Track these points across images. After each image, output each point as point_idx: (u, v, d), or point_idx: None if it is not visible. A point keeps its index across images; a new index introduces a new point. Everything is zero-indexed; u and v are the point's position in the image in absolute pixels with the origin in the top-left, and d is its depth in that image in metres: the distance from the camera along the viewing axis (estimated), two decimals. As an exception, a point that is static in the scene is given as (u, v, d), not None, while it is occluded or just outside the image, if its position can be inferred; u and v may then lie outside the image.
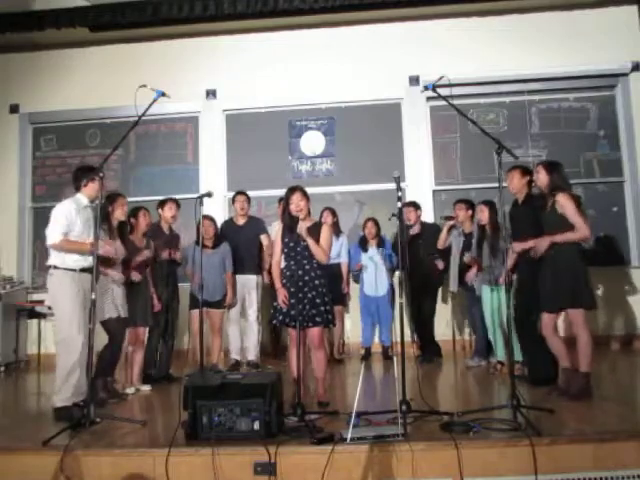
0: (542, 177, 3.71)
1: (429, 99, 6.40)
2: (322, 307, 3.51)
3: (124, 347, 4.22)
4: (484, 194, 5.71)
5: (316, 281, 3.54)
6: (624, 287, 6.11)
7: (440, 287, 5.63)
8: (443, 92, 3.44)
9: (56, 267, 3.53)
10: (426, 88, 3.40)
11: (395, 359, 3.14)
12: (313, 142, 6.65)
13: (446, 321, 6.09)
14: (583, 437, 2.68)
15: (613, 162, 6.39)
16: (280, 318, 3.56)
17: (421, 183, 6.41)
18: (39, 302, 6.14)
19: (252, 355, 5.29)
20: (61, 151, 6.90)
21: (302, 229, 3.48)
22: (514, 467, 2.57)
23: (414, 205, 5.61)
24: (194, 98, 6.65)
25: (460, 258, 5.10)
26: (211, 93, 6.72)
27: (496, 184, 3.39)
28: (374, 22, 6.51)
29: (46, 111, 6.82)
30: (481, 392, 4.13)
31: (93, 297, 3.22)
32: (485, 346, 4.97)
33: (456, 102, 3.64)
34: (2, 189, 6.79)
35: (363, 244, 5.69)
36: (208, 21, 6.33)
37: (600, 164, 6.39)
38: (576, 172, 6.25)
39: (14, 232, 6.73)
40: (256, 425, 2.78)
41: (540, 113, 6.50)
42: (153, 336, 4.70)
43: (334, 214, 5.62)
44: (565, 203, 3.54)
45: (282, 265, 3.67)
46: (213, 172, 6.63)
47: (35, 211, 6.77)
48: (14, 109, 6.90)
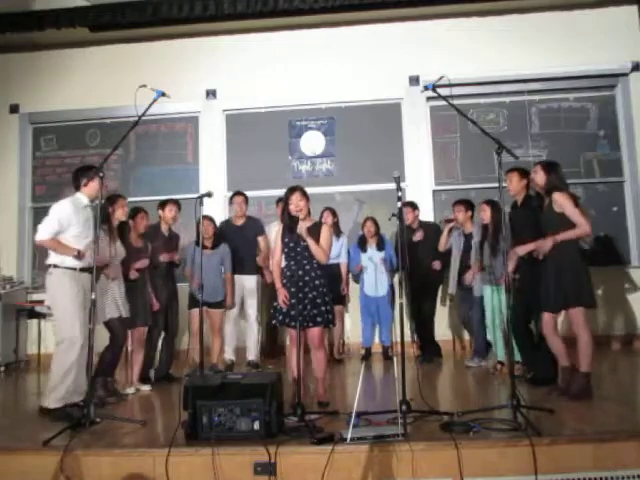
0: (540, 177, 3.71)
1: (429, 99, 6.40)
2: (323, 307, 3.51)
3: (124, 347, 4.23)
4: (484, 194, 5.71)
5: (316, 281, 3.54)
6: (624, 287, 6.11)
7: (440, 287, 5.64)
8: (443, 92, 3.44)
9: (56, 266, 3.53)
10: (426, 88, 3.40)
11: (395, 359, 3.14)
12: (313, 142, 6.65)
13: (446, 321, 6.10)
14: (583, 437, 2.68)
15: (613, 162, 6.39)
16: (280, 318, 3.56)
17: (421, 183, 6.41)
18: (39, 302, 6.12)
19: (252, 355, 5.29)
20: (61, 151, 6.90)
21: (302, 229, 3.48)
22: (514, 467, 2.58)
23: (412, 205, 5.61)
24: (194, 98, 6.65)
25: (460, 260, 5.09)
26: (211, 93, 6.72)
27: (496, 184, 3.39)
28: (374, 22, 6.51)
29: (46, 111, 6.82)
30: (481, 392, 4.12)
31: (93, 297, 3.22)
32: (484, 346, 4.97)
33: (456, 102, 3.64)
34: (2, 189, 6.79)
35: (362, 244, 5.69)
36: (208, 21, 6.33)
37: (600, 164, 6.39)
38: (576, 172, 6.26)
39: (14, 232, 6.73)
40: (256, 425, 2.78)
41: (540, 113, 6.50)
42: (152, 336, 4.70)
43: (334, 214, 5.61)
44: (563, 202, 3.54)
45: (282, 265, 3.67)
46: (213, 172, 6.63)
47: (35, 211, 6.76)
48: (14, 109, 6.90)
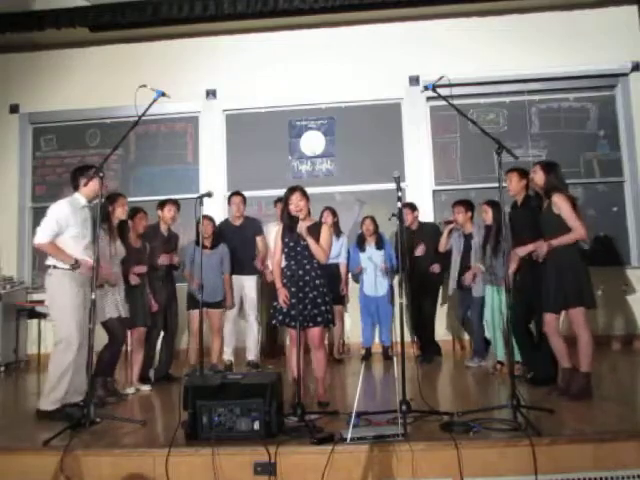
0: (539, 177, 3.71)
1: (429, 99, 6.40)
2: (323, 307, 3.51)
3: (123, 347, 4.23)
4: (484, 194, 5.72)
5: (317, 281, 3.54)
6: (626, 287, 6.10)
7: (440, 288, 5.63)
8: (443, 92, 3.44)
9: (55, 267, 3.52)
10: (426, 88, 3.40)
11: (395, 359, 3.14)
12: (313, 142, 6.65)
13: (446, 321, 6.09)
14: (583, 437, 2.68)
15: (613, 162, 6.38)
16: (280, 318, 3.56)
17: (421, 183, 6.41)
18: (39, 302, 6.11)
19: (252, 355, 5.29)
20: (61, 151, 6.90)
21: (302, 229, 3.48)
22: (514, 467, 2.58)
23: (411, 206, 5.60)
24: (194, 98, 6.65)
25: (461, 260, 5.09)
26: (211, 93, 6.72)
27: (496, 184, 3.39)
28: (374, 22, 6.51)
29: (46, 111, 6.81)
30: (481, 392, 4.12)
31: (93, 297, 3.21)
32: (484, 346, 4.97)
33: (456, 102, 3.64)
34: (2, 189, 6.79)
35: (361, 243, 5.69)
36: (208, 21, 6.33)
37: (600, 164, 6.39)
38: (576, 172, 6.25)
39: (14, 232, 6.73)
40: (256, 425, 2.78)
41: (540, 113, 6.50)
42: (151, 336, 4.69)
43: (334, 214, 5.61)
44: (561, 204, 3.55)
45: (282, 265, 3.67)
46: (213, 172, 6.62)
47: (35, 211, 6.76)
48: (14, 109, 6.90)
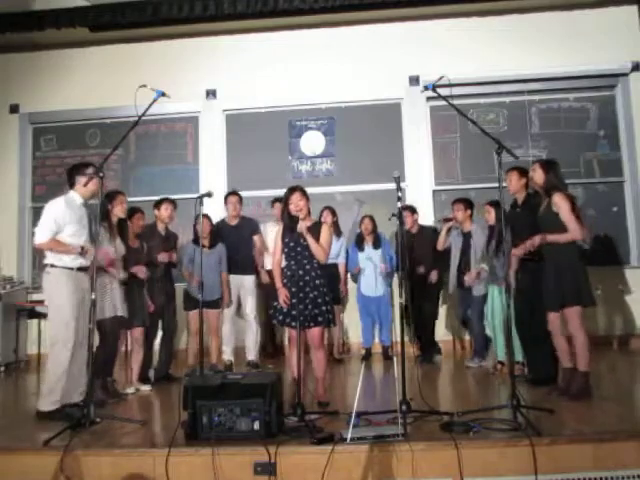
0: (538, 176, 3.71)
1: (429, 99, 6.40)
2: (323, 307, 3.51)
3: (119, 346, 4.22)
4: (484, 194, 5.72)
5: (317, 281, 3.54)
6: (624, 287, 6.11)
7: (442, 288, 5.62)
8: (443, 92, 3.44)
9: (53, 265, 3.51)
10: (426, 88, 3.40)
11: (395, 359, 3.14)
12: (313, 142, 6.65)
13: (446, 321, 6.09)
14: (583, 437, 2.68)
15: (613, 162, 6.38)
16: (280, 318, 3.56)
17: (421, 183, 6.41)
18: (39, 302, 6.10)
19: (252, 355, 5.28)
20: (61, 151, 6.90)
21: (302, 228, 3.48)
22: (514, 467, 2.58)
23: (410, 209, 5.59)
24: (194, 98, 6.64)
25: (460, 259, 5.08)
26: (211, 93, 6.72)
27: (496, 184, 3.39)
28: (374, 22, 6.51)
29: (46, 111, 6.81)
30: (481, 392, 4.13)
31: (93, 297, 3.21)
32: (484, 346, 4.96)
33: (456, 102, 3.64)
34: (2, 189, 6.79)
35: (359, 242, 5.69)
36: (208, 21, 6.33)
37: (600, 164, 6.38)
38: (576, 172, 6.25)
39: (14, 232, 6.73)
40: (256, 425, 2.78)
41: (540, 113, 6.50)
42: (149, 336, 4.68)
43: (334, 213, 5.61)
44: (561, 204, 3.55)
45: (283, 265, 3.67)
46: (213, 172, 6.62)
47: (35, 211, 6.74)
48: (14, 109, 6.90)
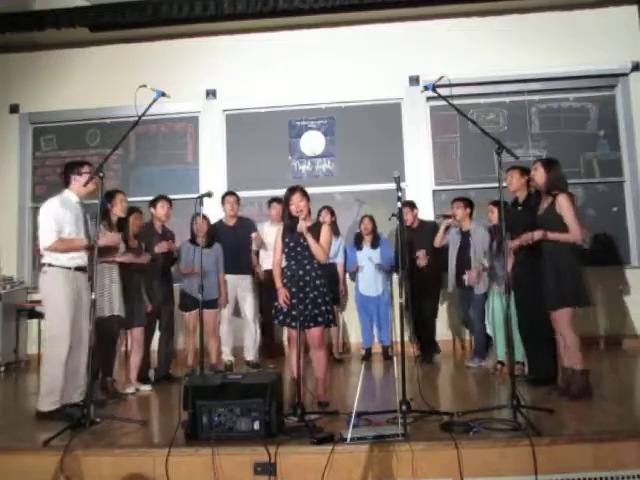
0: (539, 175, 3.71)
1: (429, 99, 6.40)
2: (323, 307, 3.51)
3: (118, 346, 4.22)
4: (484, 194, 5.72)
5: (317, 281, 3.54)
6: (624, 287, 6.10)
7: (442, 288, 5.61)
8: (443, 92, 3.44)
9: (50, 265, 3.50)
10: (426, 88, 3.40)
11: (395, 359, 3.14)
12: (313, 142, 6.65)
13: (446, 321, 6.09)
14: (583, 437, 2.68)
15: (613, 162, 6.38)
16: (281, 318, 3.56)
17: (421, 183, 6.41)
18: (39, 302, 6.07)
19: (251, 355, 5.28)
20: (61, 151, 6.90)
21: (303, 228, 3.48)
22: (514, 467, 2.58)
23: (410, 205, 5.60)
24: (194, 98, 6.65)
25: (458, 258, 5.08)
26: (211, 93, 6.72)
27: (496, 184, 3.39)
28: (374, 22, 6.51)
29: (46, 111, 6.81)
30: (481, 392, 4.12)
31: (93, 297, 3.21)
32: (485, 345, 4.96)
33: (456, 102, 3.64)
34: (2, 189, 6.79)
35: (358, 241, 5.69)
36: (208, 21, 6.33)
37: (600, 164, 6.38)
38: (576, 172, 6.25)
39: (14, 232, 6.73)
40: (256, 425, 2.78)
41: (540, 113, 6.50)
42: (149, 337, 4.68)
43: (332, 213, 5.62)
44: (564, 205, 3.55)
45: (283, 265, 3.67)
46: (213, 172, 6.62)
47: (35, 211, 6.69)
48: (14, 109, 6.90)
